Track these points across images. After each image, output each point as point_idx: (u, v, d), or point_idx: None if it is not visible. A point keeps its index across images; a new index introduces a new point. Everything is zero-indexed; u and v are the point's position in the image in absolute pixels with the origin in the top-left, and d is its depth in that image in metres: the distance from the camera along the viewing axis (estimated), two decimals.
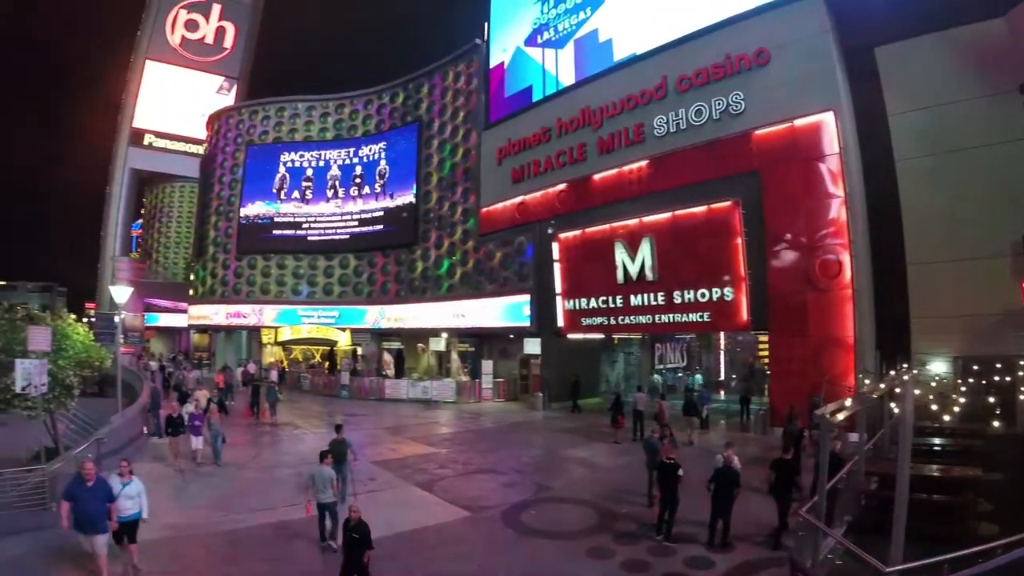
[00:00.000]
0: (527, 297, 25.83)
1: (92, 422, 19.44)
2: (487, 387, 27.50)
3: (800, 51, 17.99)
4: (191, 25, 64.99)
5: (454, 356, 31.82)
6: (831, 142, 17.07)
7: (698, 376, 26.17)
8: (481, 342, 29.72)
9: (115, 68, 66.37)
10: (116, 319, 20.81)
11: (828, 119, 17.17)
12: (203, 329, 47.62)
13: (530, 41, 28.36)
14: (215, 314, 41.70)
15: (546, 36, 27.62)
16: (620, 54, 23.96)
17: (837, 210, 16.80)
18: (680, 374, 27.91)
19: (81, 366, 15.18)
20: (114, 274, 58.17)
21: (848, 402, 8.03)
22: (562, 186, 25.27)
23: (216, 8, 65.87)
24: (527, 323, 25.66)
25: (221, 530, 10.89)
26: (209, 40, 65.70)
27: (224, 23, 66.42)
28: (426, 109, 34.27)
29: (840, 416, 7.14)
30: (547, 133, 26.22)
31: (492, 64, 30.15)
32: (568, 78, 26.15)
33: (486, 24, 30.77)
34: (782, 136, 17.99)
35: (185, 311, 46.27)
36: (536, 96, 27.51)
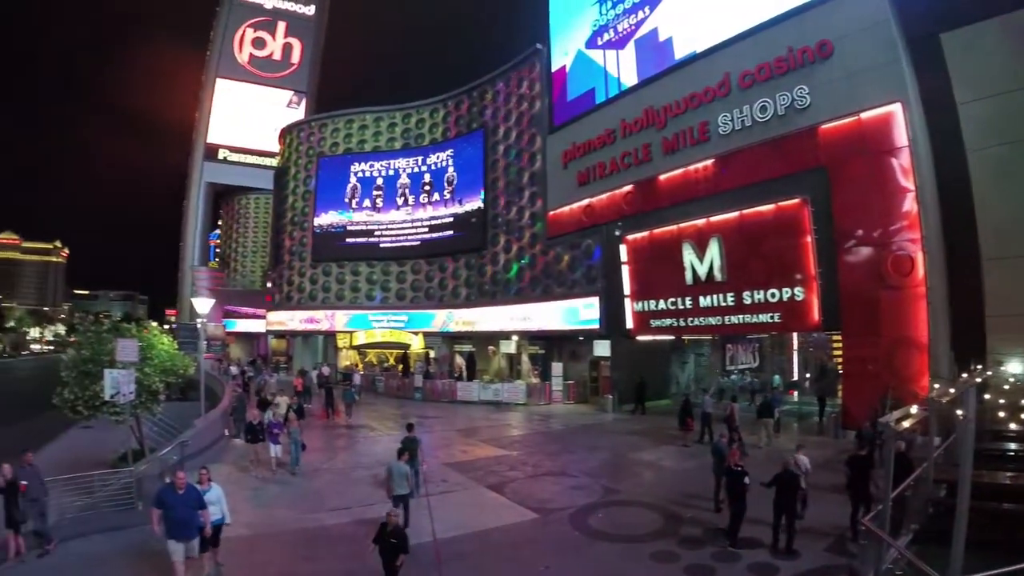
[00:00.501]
0: (595, 299, 27.09)
1: (175, 424, 21.78)
2: (557, 389, 28.80)
3: (863, 41, 18.25)
4: (258, 43, 70.12)
5: (524, 358, 33.42)
6: (900, 134, 17.27)
7: (777, 377, 26.43)
8: (551, 344, 31.19)
9: (188, 86, 72.55)
10: (198, 325, 22.81)
11: (896, 110, 17.37)
12: (281, 334, 51.30)
13: (591, 43, 29.49)
14: (290, 320, 45.47)
15: (606, 37, 28.70)
16: (681, 52, 24.73)
17: (908, 205, 17.03)
18: (748, 377, 27.95)
19: (166, 373, 16.92)
20: (194, 283, 63.60)
21: (914, 409, 7.92)
22: (628, 187, 26.25)
23: (281, 25, 70.82)
24: (595, 325, 26.91)
25: (298, 528, 11.90)
26: (277, 56, 70.72)
27: (290, 39, 71.29)
28: (491, 115, 36.05)
29: (905, 423, 7.09)
30: (611, 135, 27.27)
31: (554, 68, 31.51)
32: (630, 79, 27.09)
33: (546, 28, 32.14)
34: (849, 130, 18.34)
35: (263, 316, 50.34)
36: (599, 98, 28.59)
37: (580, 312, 27.69)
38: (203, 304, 22.72)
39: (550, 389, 28.87)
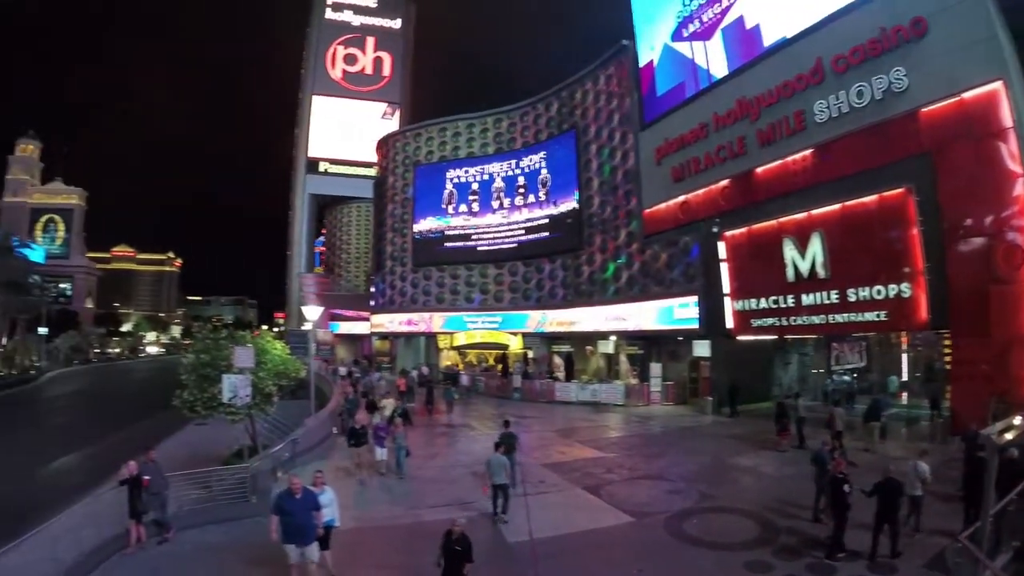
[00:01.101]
0: (694, 298, 27.82)
1: (286, 423, 24.30)
2: (656, 390, 29.65)
3: (958, 15, 17.88)
4: (349, 59, 76.01)
5: (623, 358, 34.60)
6: (1004, 114, 16.86)
7: (893, 378, 25.81)
8: (650, 344, 32.10)
9: (287, 104, 79.33)
10: (308, 326, 25.17)
11: (998, 89, 16.95)
12: (383, 336, 55.16)
13: (676, 36, 30.07)
14: (390, 322, 49.66)
15: (691, 29, 29.19)
16: (769, 39, 24.84)
17: (1019, 189, 16.59)
18: (848, 378, 27.35)
19: (279, 376, 18.71)
20: (301, 289, 69.65)
21: (1018, 419, 7.72)
22: (724, 182, 26.73)
23: (370, 41, 76.46)
24: (694, 325, 27.67)
25: (400, 524, 12.96)
26: (368, 71, 76.46)
27: (380, 53, 76.79)
28: (581, 115, 37.50)
29: (1008, 435, 6.92)
30: (704, 129, 27.80)
31: (641, 63, 32.32)
32: (720, 70, 27.45)
33: (631, 24, 33.00)
34: (951, 112, 18.03)
35: (367, 319, 54.70)
36: (689, 92, 29.17)
37: (676, 311, 28.50)
38: (312, 311, 25.75)
39: (648, 390, 29.73)
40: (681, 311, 28.29)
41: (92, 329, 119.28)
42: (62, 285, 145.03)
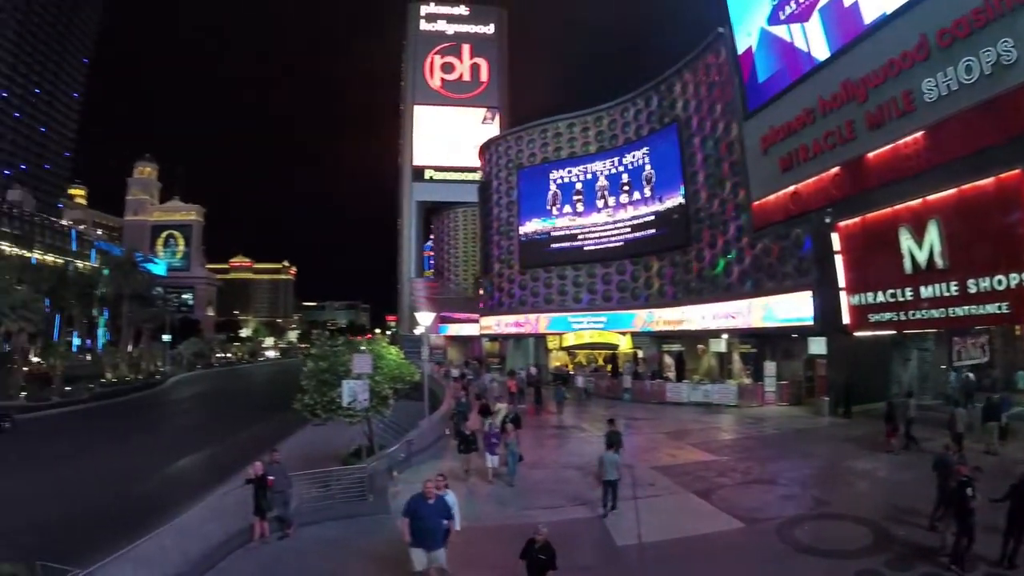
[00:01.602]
0: (807, 294, 27.87)
1: (401, 423, 26.31)
2: (769, 390, 29.75)
3: None
4: (447, 67, 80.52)
5: (735, 357, 34.93)
6: None
7: (1021, 373, 24.77)
8: (763, 342, 32.31)
9: (391, 115, 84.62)
10: (420, 330, 27.46)
11: None
12: (493, 337, 57.89)
13: (772, 19, 29.90)
14: (497, 324, 52.83)
15: (788, 11, 28.90)
16: (870, 16, 24.32)
17: None
18: (970, 375, 26.00)
19: (394, 380, 20.41)
20: (412, 293, 74.12)
21: None
22: (835, 170, 26.35)
23: (466, 48, 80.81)
24: (806, 322, 27.74)
25: (511, 524, 13.52)
26: (466, 77, 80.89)
27: (477, 59, 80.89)
28: (682, 107, 38.21)
29: None
30: (810, 114, 27.45)
31: (739, 50, 32.30)
32: (821, 52, 27.11)
33: (725, 10, 32.98)
34: None
35: (476, 320, 58.27)
36: (791, 77, 28.90)
37: (787, 308, 28.68)
38: (425, 317, 28.25)
39: (762, 390, 29.93)
40: (792, 307, 28.45)
41: (213, 336, 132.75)
42: (184, 296, 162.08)
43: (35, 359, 59.77)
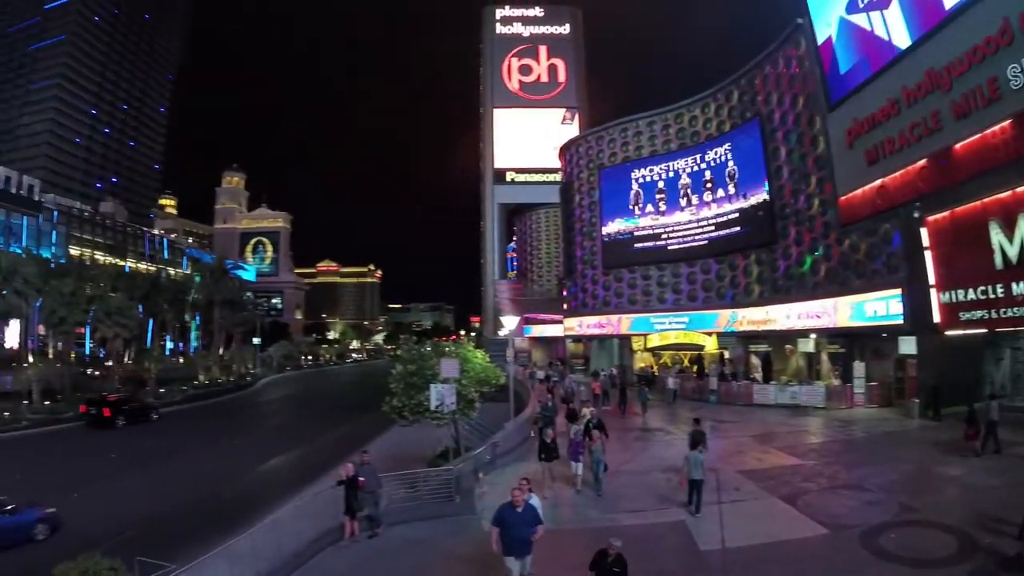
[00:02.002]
0: (896, 291, 27.78)
1: (487, 425, 27.64)
2: (859, 392, 29.64)
3: None
4: (524, 70, 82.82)
5: (824, 358, 34.89)
6: None
7: None
8: (852, 342, 32.12)
9: (472, 117, 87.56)
10: (504, 332, 28.98)
11: None
12: (576, 338, 59.27)
13: (851, 8, 29.96)
14: (580, 325, 54.47)
15: None
16: (951, 1, 24.26)
17: None
18: None
19: (480, 384, 21.62)
20: (495, 295, 76.58)
21: None
22: (922, 162, 26.33)
23: (543, 49, 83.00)
24: (894, 320, 27.68)
25: (595, 527, 14.04)
26: (544, 79, 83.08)
27: (554, 60, 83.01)
28: (763, 101, 38.55)
29: None
30: (894, 105, 27.46)
31: (819, 41, 32.43)
32: (902, 40, 27.08)
33: (804, 0, 33.13)
34: None
35: (560, 321, 60.21)
36: (873, 67, 28.93)
37: (874, 307, 28.69)
38: (510, 320, 29.96)
39: (851, 392, 29.86)
40: (879, 306, 28.47)
41: (302, 338, 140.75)
42: (273, 300, 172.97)
43: (129, 362, 65.10)
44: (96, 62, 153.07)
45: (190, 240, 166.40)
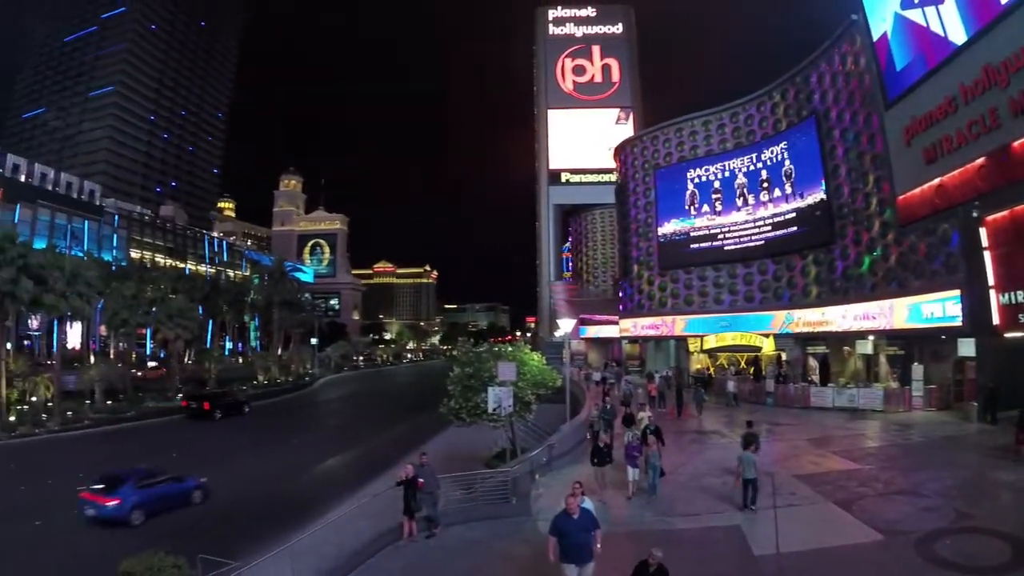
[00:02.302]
0: (955, 293, 27.65)
1: (543, 426, 28.43)
2: (917, 395, 29.60)
3: None
4: (578, 70, 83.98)
5: (882, 360, 34.78)
6: None
7: None
8: (910, 344, 32.11)
9: (526, 118, 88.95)
10: (559, 333, 29.90)
11: None
12: (632, 339, 59.98)
13: (906, 3, 29.87)
14: (634, 326, 55.43)
15: None
16: None
17: None
18: None
19: (537, 386, 22.56)
20: (551, 296, 77.73)
21: None
22: (980, 160, 26.13)
23: (596, 49, 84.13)
24: (949, 323, 27.60)
25: (651, 530, 14.59)
26: (598, 79, 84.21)
27: (607, 60, 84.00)
28: (819, 99, 38.63)
29: None
30: (952, 102, 27.31)
31: (874, 36, 32.33)
32: (958, 35, 26.93)
33: None
34: None
35: (615, 322, 61.19)
36: (929, 63, 28.79)
37: (932, 308, 28.63)
38: (566, 323, 31.00)
39: (909, 395, 29.85)
40: (936, 307, 28.41)
41: (359, 338, 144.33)
42: (331, 301, 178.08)
43: (189, 362, 67.86)
44: (154, 69, 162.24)
45: (249, 242, 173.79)
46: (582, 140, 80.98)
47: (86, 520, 19.60)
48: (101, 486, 20.10)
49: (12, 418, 35.40)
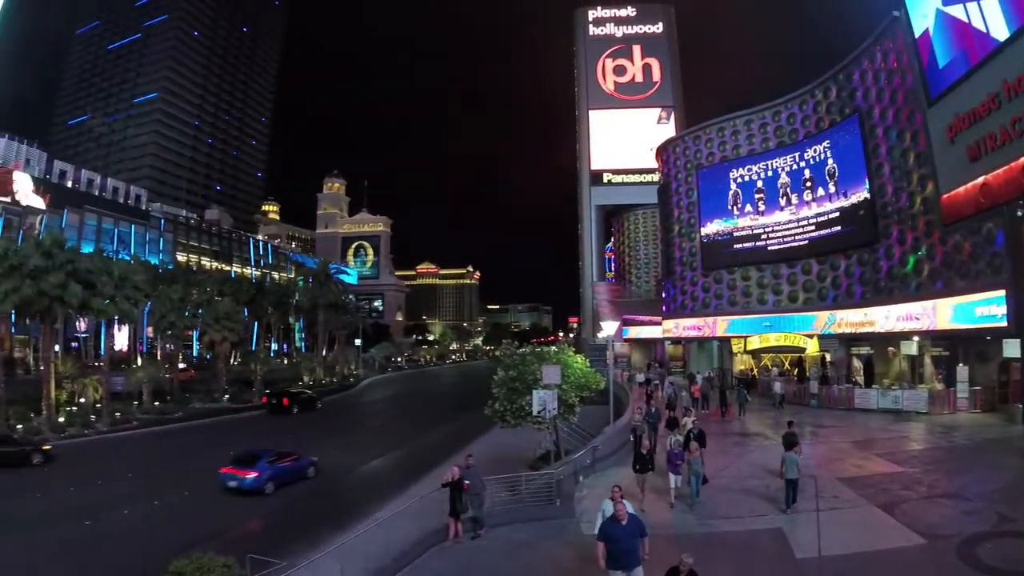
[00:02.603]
0: (1000, 293, 27.38)
1: (586, 427, 28.80)
2: (962, 396, 29.54)
3: None
4: (619, 70, 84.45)
5: (927, 361, 34.63)
6: None
7: None
8: (955, 345, 31.91)
9: (566, 118, 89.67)
10: (603, 334, 30.35)
11: None
12: (676, 340, 60.28)
13: None
14: (676, 327, 55.95)
15: None
16: None
17: None
18: None
19: (580, 389, 22.96)
20: (594, 297, 78.33)
21: None
22: None
23: (636, 48, 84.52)
24: (1000, 323, 27.24)
25: (694, 533, 15.04)
26: (639, 79, 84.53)
27: (648, 60, 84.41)
28: (862, 97, 38.58)
29: None
30: (995, 99, 27.24)
31: (916, 33, 32.37)
32: (1000, 32, 26.86)
33: None
34: None
35: (659, 323, 61.58)
36: (972, 60, 28.75)
37: (975, 308, 28.47)
38: (610, 326, 31.52)
39: (954, 396, 29.78)
40: (980, 308, 28.22)
41: (402, 339, 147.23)
42: (375, 302, 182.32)
43: (235, 364, 68.95)
44: (197, 75, 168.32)
45: (293, 245, 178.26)
46: (623, 140, 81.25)
47: (227, 491, 23.68)
48: (239, 462, 24.67)
49: (61, 419, 36.23)
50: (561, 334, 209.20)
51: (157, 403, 44.89)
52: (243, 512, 22.21)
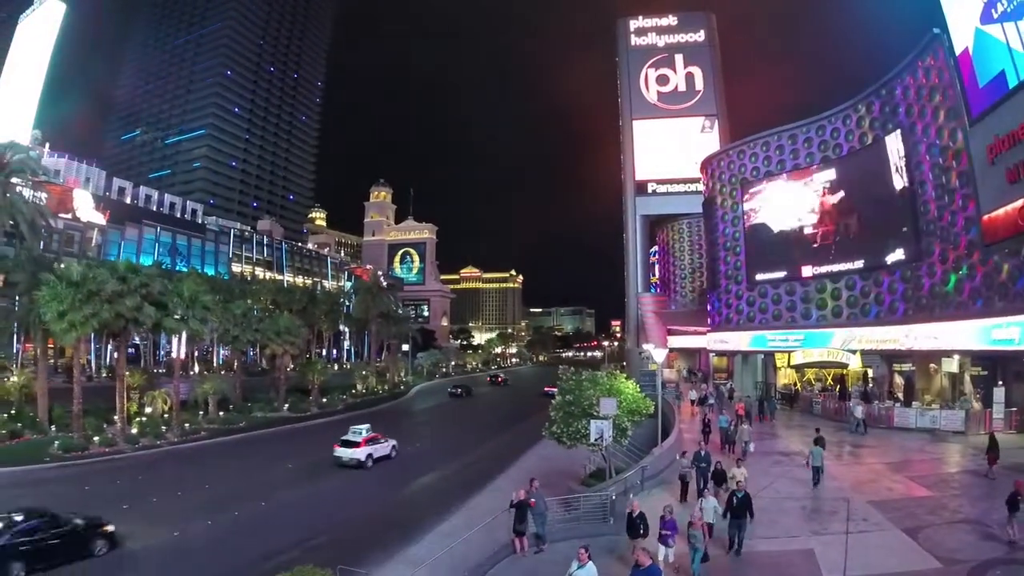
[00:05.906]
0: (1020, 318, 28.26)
1: (634, 444, 30.04)
2: (998, 417, 30.16)
3: None
4: (662, 80, 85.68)
5: (967, 379, 35.20)
6: None
7: None
8: (994, 364, 32.60)
9: (609, 132, 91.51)
10: (648, 349, 31.87)
11: None
12: (720, 353, 61.54)
13: (985, 18, 30.67)
14: (721, 340, 58.07)
15: (1000, 9, 29.68)
16: None
17: None
18: None
19: (631, 413, 24.85)
20: (639, 307, 79.71)
21: None
22: None
23: (679, 58, 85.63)
24: (1013, 347, 28.30)
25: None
26: (682, 88, 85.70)
27: (691, 68, 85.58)
28: (904, 114, 39.31)
29: None
30: None
31: (956, 51, 33.17)
32: None
33: (938, 9, 34.07)
34: None
35: (702, 333, 63.42)
36: (1011, 81, 29.43)
37: (1008, 331, 29.16)
38: (659, 354, 32.47)
39: (991, 416, 30.41)
40: (1012, 331, 28.88)
41: (448, 345, 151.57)
42: (420, 308, 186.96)
43: (292, 372, 70.95)
44: (245, 90, 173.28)
45: (342, 252, 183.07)
46: (667, 150, 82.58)
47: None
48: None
49: (134, 430, 37.60)
50: (605, 342, 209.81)
51: (221, 413, 46.52)
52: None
